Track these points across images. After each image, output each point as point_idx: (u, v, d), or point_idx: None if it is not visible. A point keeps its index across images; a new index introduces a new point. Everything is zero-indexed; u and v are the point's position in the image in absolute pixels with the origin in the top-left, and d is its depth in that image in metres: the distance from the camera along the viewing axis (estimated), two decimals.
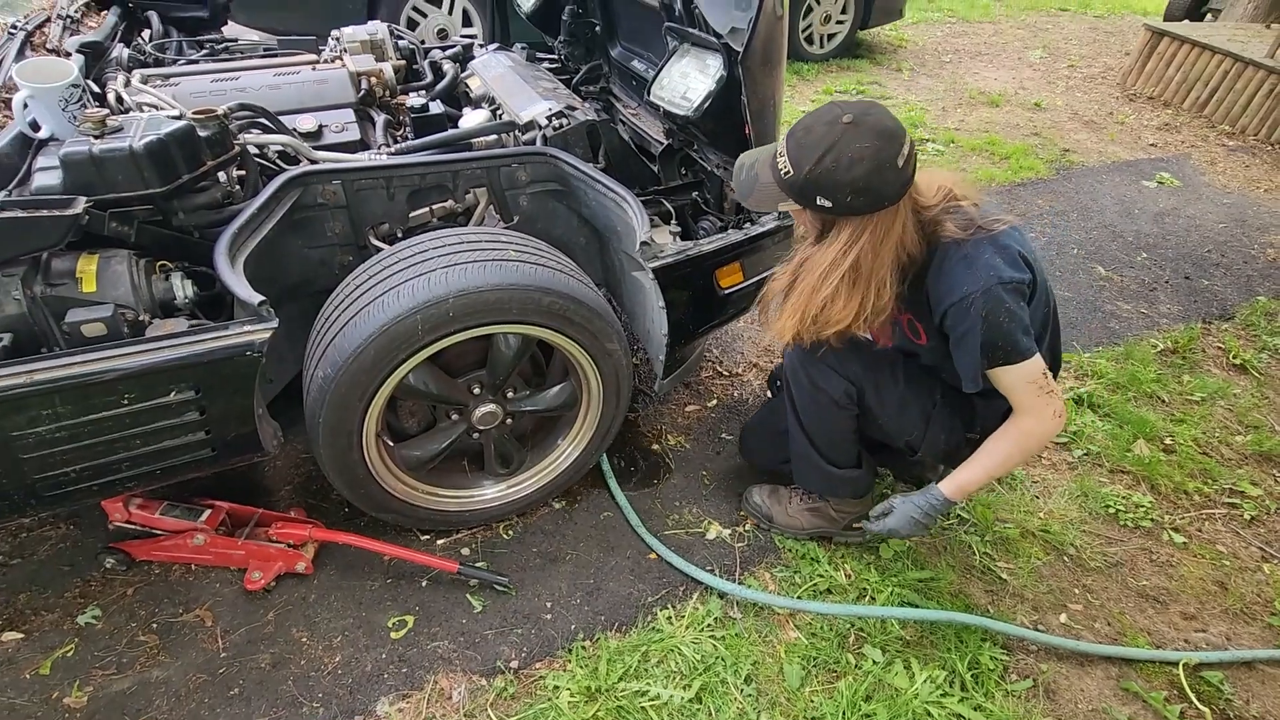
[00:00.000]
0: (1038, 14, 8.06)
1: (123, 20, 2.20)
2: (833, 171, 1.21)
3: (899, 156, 1.22)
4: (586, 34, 2.62)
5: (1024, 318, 1.34)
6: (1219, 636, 1.74)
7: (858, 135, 1.21)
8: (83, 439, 1.26)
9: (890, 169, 1.22)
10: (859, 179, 1.21)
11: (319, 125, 1.86)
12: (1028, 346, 1.35)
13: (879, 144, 1.21)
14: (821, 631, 1.67)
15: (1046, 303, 1.48)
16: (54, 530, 1.79)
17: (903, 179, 1.25)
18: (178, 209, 1.43)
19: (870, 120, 1.22)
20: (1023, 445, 1.47)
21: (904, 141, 1.23)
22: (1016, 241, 1.37)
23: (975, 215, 1.36)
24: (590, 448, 1.86)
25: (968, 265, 1.32)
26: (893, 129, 1.23)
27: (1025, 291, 1.36)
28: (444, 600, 1.70)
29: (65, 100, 1.40)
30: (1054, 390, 1.41)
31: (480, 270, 1.46)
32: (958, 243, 1.34)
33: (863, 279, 1.32)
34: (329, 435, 1.50)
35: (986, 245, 1.33)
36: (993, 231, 1.35)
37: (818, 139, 1.22)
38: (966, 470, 1.53)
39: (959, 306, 1.33)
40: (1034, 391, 1.39)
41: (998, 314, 1.31)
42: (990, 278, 1.30)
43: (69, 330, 1.23)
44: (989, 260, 1.32)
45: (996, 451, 1.49)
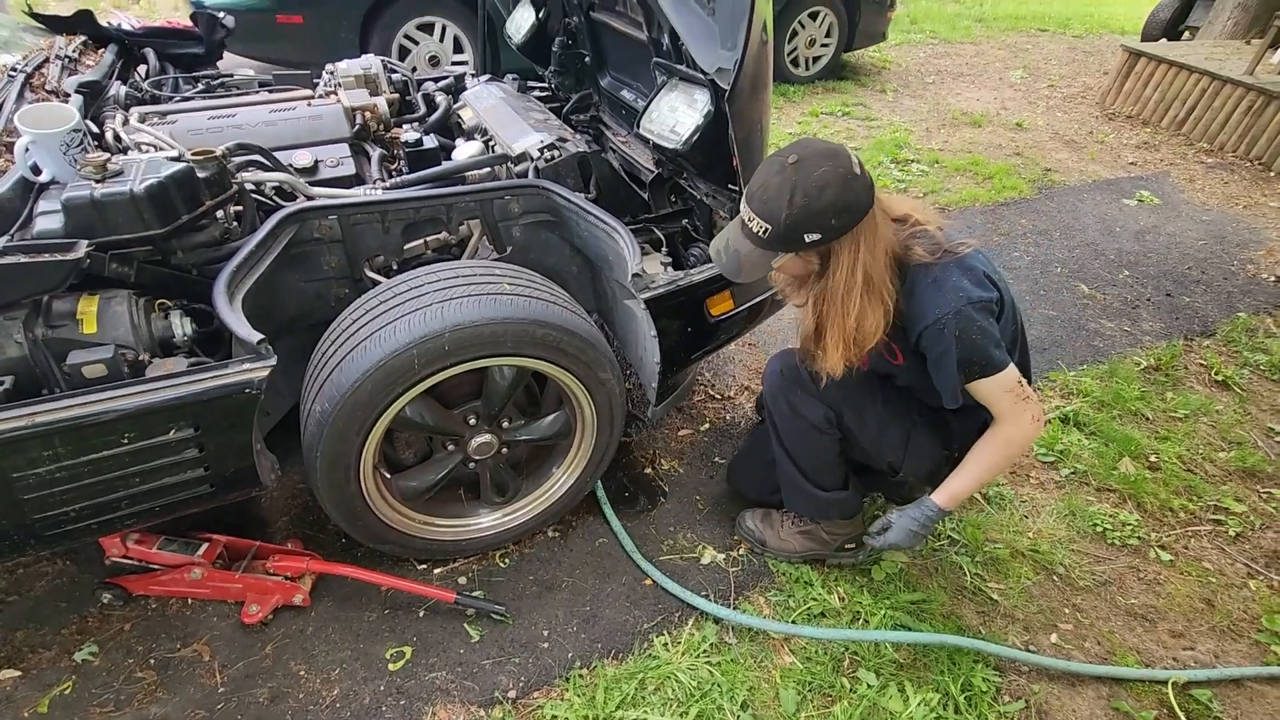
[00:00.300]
0: (1017, 34, 8.24)
1: (119, 58, 2.23)
2: (808, 205, 1.26)
3: (852, 165, 1.29)
4: (576, 64, 2.66)
5: (995, 333, 1.40)
6: (1207, 654, 1.77)
7: (810, 166, 1.27)
8: (83, 479, 1.28)
9: (853, 179, 1.28)
10: (833, 200, 1.27)
11: (315, 161, 1.89)
12: (1001, 359, 1.40)
13: (832, 163, 1.27)
14: (816, 655, 1.69)
15: (1014, 319, 1.54)
16: (50, 566, 1.79)
17: (866, 183, 1.31)
18: (177, 248, 1.45)
19: (812, 150, 1.29)
20: (1006, 451, 1.52)
21: (848, 153, 1.31)
22: (981, 263, 1.44)
23: (941, 239, 1.42)
24: (585, 475, 1.88)
25: (938, 288, 1.38)
26: (834, 148, 1.31)
27: (994, 309, 1.42)
28: (441, 630, 1.71)
29: (66, 145, 1.42)
30: (1030, 396, 1.46)
31: (475, 304, 1.49)
32: (926, 266, 1.39)
33: (876, 286, 1.37)
34: (326, 468, 1.51)
35: (953, 268, 1.39)
36: (958, 254, 1.41)
37: (778, 188, 1.28)
38: (957, 479, 1.57)
39: (933, 329, 1.38)
40: (1012, 399, 1.44)
41: (970, 332, 1.36)
42: (960, 299, 1.36)
43: (70, 372, 1.24)
44: (956, 282, 1.38)
45: (982, 459, 1.54)
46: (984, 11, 9.26)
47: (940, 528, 2.03)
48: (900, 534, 1.62)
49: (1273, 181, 4.60)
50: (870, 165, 4.35)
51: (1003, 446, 1.51)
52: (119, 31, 2.31)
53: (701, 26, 1.66)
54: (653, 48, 1.99)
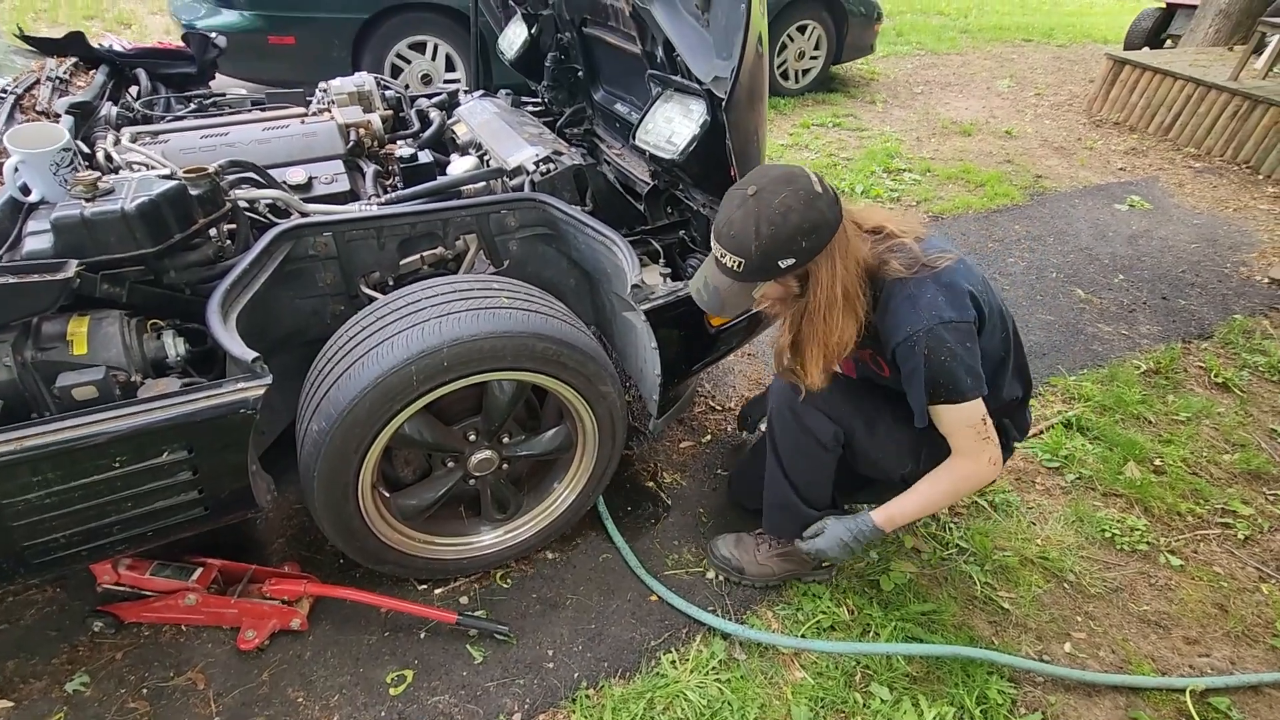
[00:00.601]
0: (1002, 45, 8.34)
1: (111, 79, 2.22)
2: (775, 233, 1.26)
3: (812, 184, 1.28)
4: (569, 79, 2.67)
5: (967, 357, 1.36)
6: (1223, 660, 1.74)
7: (769, 195, 1.26)
8: (73, 504, 1.24)
9: (815, 198, 1.27)
10: (799, 223, 1.26)
11: (309, 178, 1.88)
12: (970, 387, 1.37)
13: (790, 187, 1.27)
14: (828, 670, 1.65)
15: (1004, 328, 1.51)
16: (40, 594, 1.74)
17: (830, 199, 1.30)
18: (169, 267, 1.43)
19: (769, 178, 1.29)
20: (955, 487, 1.52)
21: (805, 173, 1.30)
22: (962, 276, 1.40)
23: (918, 252, 1.40)
24: (587, 490, 1.85)
25: (911, 304, 1.36)
26: (791, 171, 1.30)
27: (969, 329, 1.38)
28: (443, 652, 1.67)
29: (56, 164, 1.40)
30: (991, 438, 1.44)
31: (474, 319, 1.46)
32: (902, 281, 1.38)
33: (852, 298, 1.36)
34: (324, 488, 1.48)
35: (929, 283, 1.37)
36: (936, 268, 1.38)
37: (743, 221, 1.27)
38: (898, 503, 1.56)
39: (904, 345, 1.37)
40: (972, 436, 1.43)
41: (939, 353, 1.34)
42: (933, 318, 1.34)
43: (60, 394, 1.21)
44: (931, 299, 1.35)
45: (930, 490, 1.53)
46: (969, 23, 9.38)
47: (948, 536, 2.00)
48: (829, 541, 1.61)
49: (1261, 184, 4.64)
50: (863, 175, 4.37)
51: (955, 481, 1.50)
52: (110, 53, 2.29)
53: (696, 37, 1.66)
54: (646, 60, 1.98)
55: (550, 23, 2.62)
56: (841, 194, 4.14)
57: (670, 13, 1.72)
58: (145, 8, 7.17)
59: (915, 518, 1.60)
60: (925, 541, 1.99)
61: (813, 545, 1.64)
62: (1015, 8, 10.94)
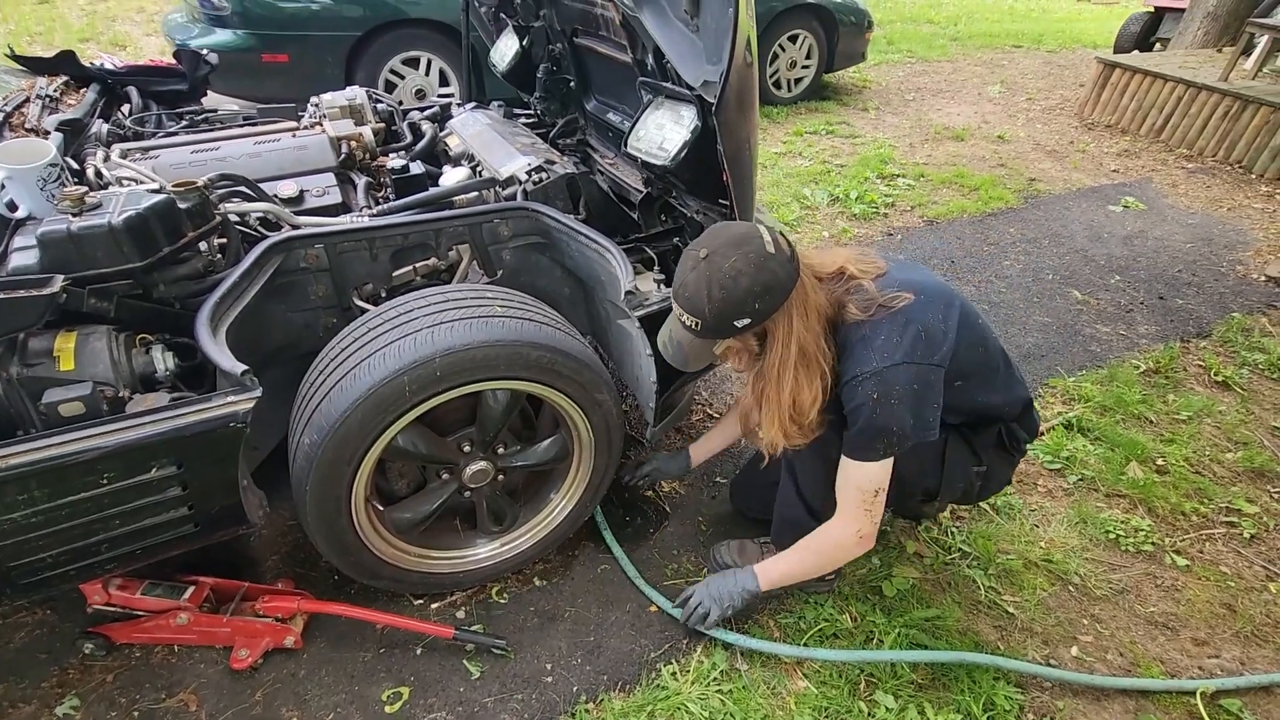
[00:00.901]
0: (993, 51, 8.40)
1: (102, 96, 2.22)
2: (727, 297, 1.27)
3: (764, 245, 1.29)
4: (561, 90, 2.67)
5: (919, 399, 1.35)
6: (1233, 661, 1.72)
7: (720, 259, 1.28)
8: (61, 522, 1.22)
9: (768, 259, 1.28)
10: (750, 286, 1.27)
11: (300, 190, 1.87)
12: (910, 429, 1.35)
13: (741, 250, 1.28)
14: (831, 679, 1.63)
15: (982, 344, 1.49)
16: (30, 616, 1.72)
17: (784, 258, 1.30)
18: (158, 281, 1.41)
19: (721, 241, 1.30)
20: (821, 551, 1.55)
21: (758, 233, 1.30)
22: (919, 311, 1.38)
23: (874, 293, 1.40)
24: (584, 500, 1.83)
25: (865, 345, 1.36)
26: (743, 232, 1.31)
27: (923, 369, 1.35)
28: (440, 668, 1.64)
29: (44, 180, 1.39)
30: (873, 513, 1.46)
31: (466, 328, 1.45)
32: (859, 324, 1.38)
33: (812, 357, 1.37)
34: (316, 502, 1.46)
35: (884, 324, 1.36)
36: (892, 308, 1.37)
37: (696, 284, 1.29)
38: (776, 564, 1.61)
39: (850, 385, 1.37)
40: (857, 500, 1.44)
41: (889, 396, 1.33)
42: (884, 360, 1.33)
43: (46, 411, 1.20)
44: (884, 341, 1.35)
45: (803, 553, 1.57)
46: (959, 31, 9.45)
47: (950, 541, 1.98)
48: (711, 585, 1.64)
49: (1255, 184, 4.66)
50: (856, 181, 4.38)
51: (819, 545, 1.53)
52: (102, 71, 2.29)
53: (686, 43, 1.66)
54: (637, 68, 1.98)
55: (541, 34, 2.63)
56: (833, 202, 4.14)
57: (659, 19, 1.72)
58: (140, 30, 7.21)
59: (785, 580, 1.63)
60: (927, 546, 1.97)
61: (696, 590, 1.66)
62: (1004, 15, 11.03)
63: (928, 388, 1.36)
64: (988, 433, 1.58)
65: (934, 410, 1.38)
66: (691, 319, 1.32)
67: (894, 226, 3.94)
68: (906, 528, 2.02)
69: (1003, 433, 1.59)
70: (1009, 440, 1.60)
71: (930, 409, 1.37)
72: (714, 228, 1.37)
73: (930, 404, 1.37)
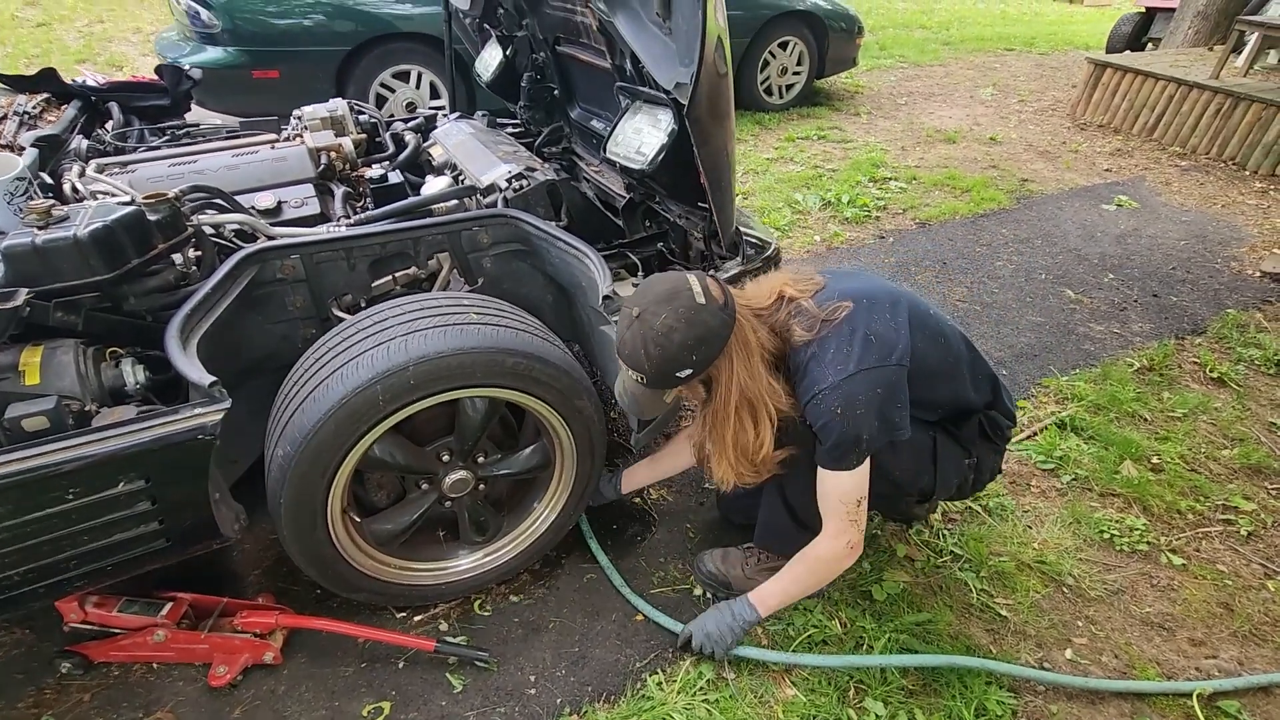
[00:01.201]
0: (985, 55, 8.42)
1: (83, 113, 2.22)
2: (663, 352, 1.29)
3: (694, 297, 1.30)
4: (546, 98, 2.67)
5: (882, 402, 1.34)
6: (1231, 662, 1.68)
7: (651, 316, 1.29)
8: (26, 539, 1.20)
9: (699, 311, 1.29)
10: (684, 340, 1.28)
11: (278, 202, 1.86)
12: (876, 433, 1.34)
13: (671, 305, 1.29)
14: (820, 687, 1.60)
15: (940, 336, 1.49)
16: (8, 636, 1.69)
17: (715, 306, 1.31)
18: (128, 294, 1.40)
19: (651, 298, 1.31)
20: (815, 569, 1.53)
21: (687, 286, 1.31)
22: (864, 317, 1.39)
23: (815, 310, 1.40)
24: (568, 508, 1.81)
25: (818, 363, 1.37)
26: (672, 286, 1.31)
27: (880, 372, 1.35)
28: (421, 682, 1.61)
29: (10, 194, 1.39)
30: (859, 522, 1.45)
31: (441, 335, 1.44)
32: (806, 344, 1.39)
33: (757, 400, 1.37)
34: (292, 514, 1.44)
35: (831, 339, 1.37)
36: (836, 320, 1.38)
37: (634, 342, 1.31)
38: (770, 586, 1.59)
39: (812, 404, 1.37)
40: (841, 512, 1.43)
41: (854, 406, 1.33)
42: (839, 372, 1.34)
43: (9, 425, 1.18)
44: (835, 355, 1.36)
45: (794, 573, 1.55)
46: (950, 35, 9.48)
47: (941, 543, 1.95)
48: (711, 622, 1.60)
49: (1248, 180, 4.64)
50: (848, 185, 4.37)
51: (813, 564, 1.52)
52: (83, 88, 2.30)
53: (660, 47, 1.65)
54: (616, 74, 1.98)
55: (525, 44, 2.63)
56: (824, 207, 4.13)
57: (633, 23, 1.72)
58: (136, 50, 7.27)
59: (785, 602, 1.61)
60: (918, 549, 1.94)
61: (697, 623, 1.63)
62: (996, 19, 11.08)
63: (890, 389, 1.35)
64: (969, 424, 1.57)
65: (900, 411, 1.37)
66: (637, 374, 1.34)
67: (885, 229, 3.93)
68: (897, 531, 1.99)
69: (983, 422, 1.58)
70: (991, 428, 1.59)
71: (896, 410, 1.36)
72: (645, 283, 1.38)
73: (895, 405, 1.36)
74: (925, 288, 3.33)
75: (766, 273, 1.64)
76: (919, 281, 3.38)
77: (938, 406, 1.52)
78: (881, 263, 3.55)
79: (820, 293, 1.45)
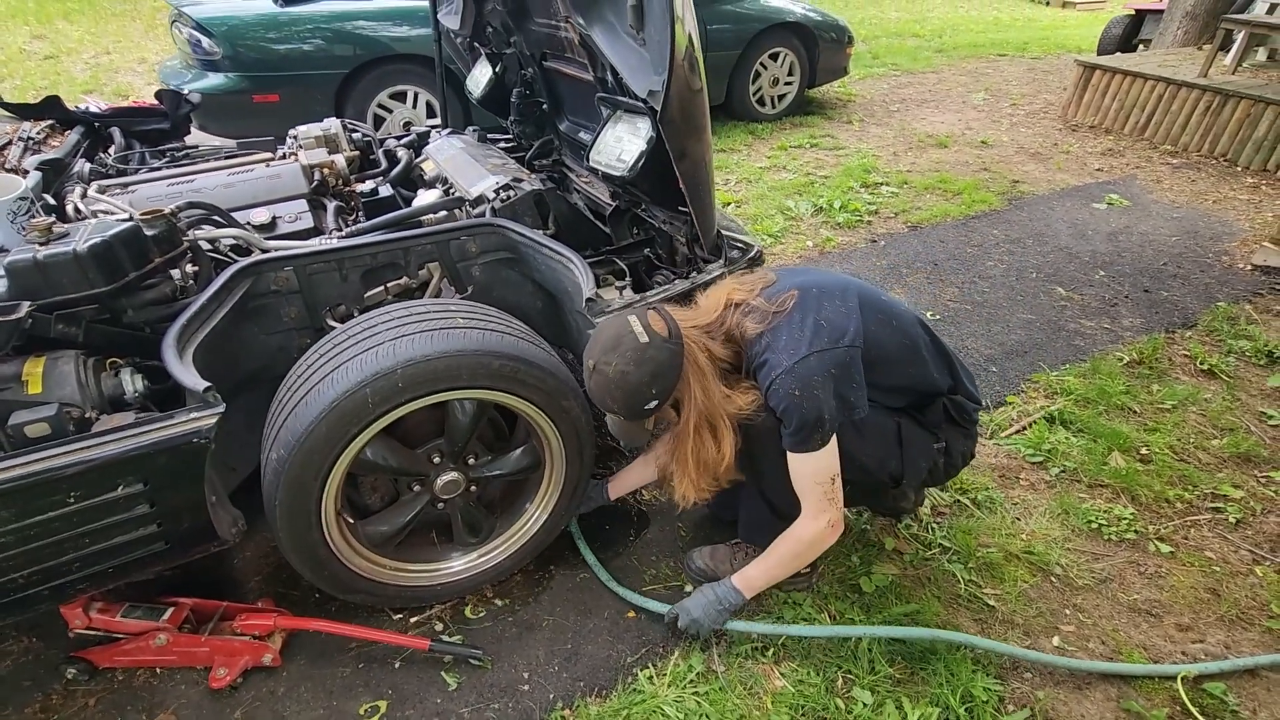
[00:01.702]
0: (977, 61, 8.48)
1: (86, 138, 2.30)
2: (625, 394, 1.40)
3: (638, 339, 1.38)
4: (535, 113, 2.74)
5: (835, 383, 1.39)
6: (1218, 645, 1.69)
7: (604, 366, 1.39)
8: (30, 543, 1.25)
9: (645, 350, 1.37)
10: (638, 380, 1.38)
11: (273, 217, 1.92)
12: (835, 412, 1.39)
13: (618, 351, 1.38)
14: (808, 678, 1.62)
15: (893, 318, 1.53)
16: (15, 644, 1.74)
17: (659, 342, 1.39)
18: (126, 306, 1.46)
19: (599, 350, 1.40)
20: (798, 550, 1.57)
21: (629, 330, 1.39)
22: (814, 304, 1.45)
23: (765, 305, 1.48)
24: (559, 509, 1.84)
25: (772, 350, 1.43)
26: (615, 334, 1.40)
27: (834, 352, 1.40)
28: (417, 680, 1.64)
29: (14, 213, 1.45)
30: (836, 500, 1.49)
31: (427, 339, 1.48)
32: (759, 335, 1.46)
33: (716, 416, 1.46)
34: (286, 516, 1.48)
35: (783, 327, 1.44)
36: (786, 310, 1.45)
37: (598, 389, 1.43)
38: (754, 568, 1.63)
39: (772, 390, 1.42)
40: (819, 494, 1.48)
41: (810, 387, 1.38)
42: (792, 356, 1.39)
43: (12, 433, 1.23)
44: (787, 341, 1.42)
45: (778, 553, 1.59)
46: (943, 42, 9.56)
47: (930, 536, 1.98)
48: (695, 603, 1.65)
49: (1239, 175, 4.66)
50: (840, 191, 4.42)
51: (794, 545, 1.55)
52: (86, 114, 2.38)
53: (635, 57, 1.71)
54: (599, 85, 2.04)
55: (513, 60, 2.71)
56: (816, 213, 4.16)
57: (609, 36, 1.78)
58: (142, 79, 7.43)
59: (770, 583, 1.65)
60: (907, 543, 1.97)
61: (682, 607, 1.67)
62: (989, 26, 11.16)
63: (844, 369, 1.40)
64: (934, 409, 1.61)
65: (856, 391, 1.42)
66: (615, 409, 1.45)
67: (877, 233, 3.97)
68: (886, 525, 2.02)
69: (948, 405, 1.61)
70: (956, 413, 1.62)
71: (852, 389, 1.41)
72: (594, 334, 1.47)
73: (851, 384, 1.41)
74: (917, 289, 3.36)
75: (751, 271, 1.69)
76: (911, 283, 3.42)
77: (900, 391, 1.56)
78: (873, 265, 3.59)
79: (769, 288, 1.52)
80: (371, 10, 4.44)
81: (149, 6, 10.17)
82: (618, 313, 1.48)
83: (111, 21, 9.39)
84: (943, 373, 1.60)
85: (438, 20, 2.93)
